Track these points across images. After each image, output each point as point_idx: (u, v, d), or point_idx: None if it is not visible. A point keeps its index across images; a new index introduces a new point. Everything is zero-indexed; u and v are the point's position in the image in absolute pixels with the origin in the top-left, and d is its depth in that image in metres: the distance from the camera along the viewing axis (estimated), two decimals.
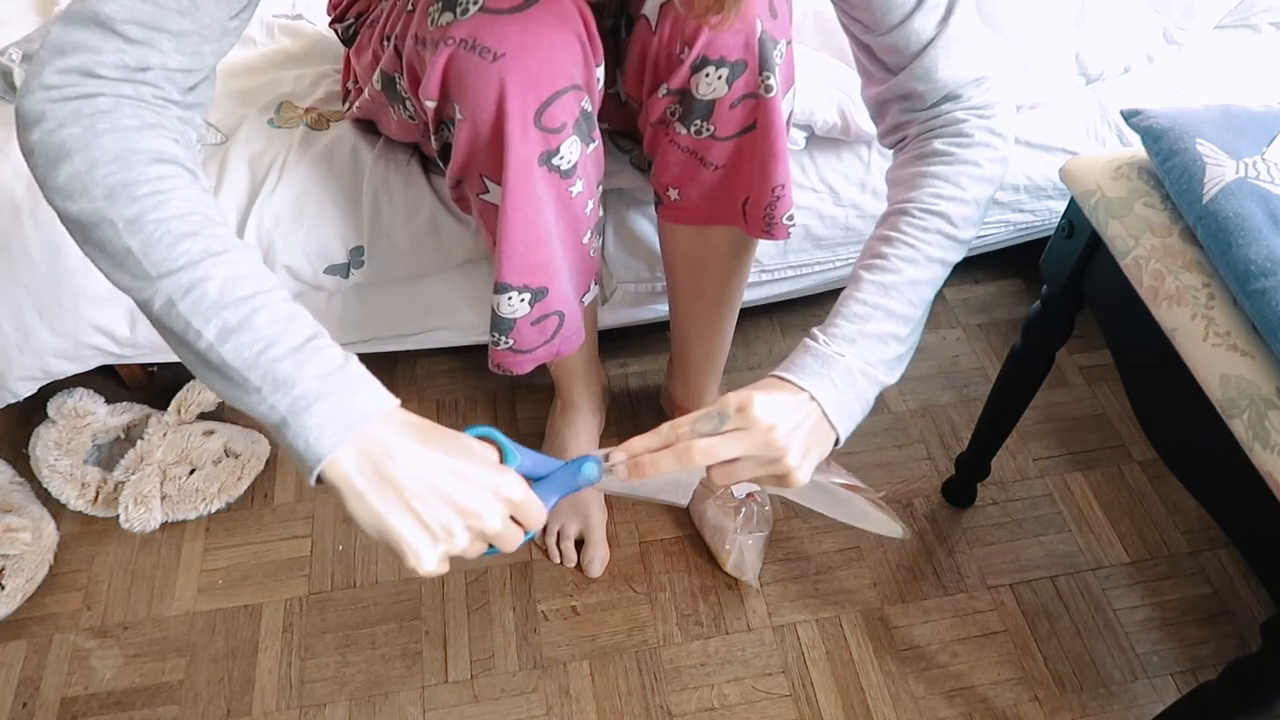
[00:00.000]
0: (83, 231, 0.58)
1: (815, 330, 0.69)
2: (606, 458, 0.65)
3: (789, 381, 0.66)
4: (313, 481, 0.57)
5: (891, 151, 0.81)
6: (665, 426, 0.65)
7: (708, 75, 0.76)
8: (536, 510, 0.62)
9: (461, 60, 0.70)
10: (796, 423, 0.65)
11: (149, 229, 0.56)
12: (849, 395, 0.68)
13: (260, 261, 0.63)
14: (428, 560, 0.59)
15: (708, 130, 0.81)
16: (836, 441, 0.69)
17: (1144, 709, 0.99)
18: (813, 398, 0.66)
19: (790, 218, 0.88)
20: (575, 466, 0.65)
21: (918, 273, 0.70)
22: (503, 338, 0.88)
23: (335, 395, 0.57)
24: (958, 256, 0.73)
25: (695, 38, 0.75)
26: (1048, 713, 0.99)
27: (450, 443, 0.61)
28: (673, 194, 0.89)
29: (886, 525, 0.84)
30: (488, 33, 0.69)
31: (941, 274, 0.72)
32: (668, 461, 0.63)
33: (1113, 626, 1.06)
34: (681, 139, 0.83)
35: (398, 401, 0.60)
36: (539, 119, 0.73)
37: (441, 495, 0.58)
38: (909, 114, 0.77)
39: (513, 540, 0.62)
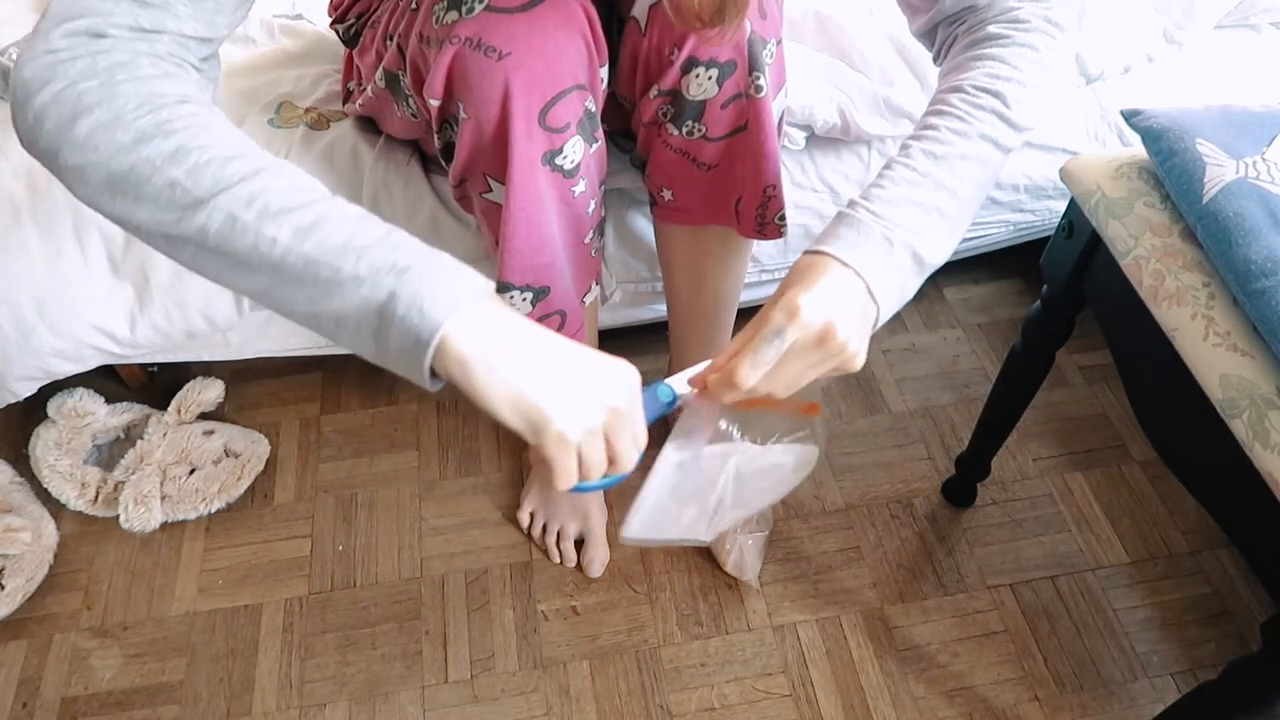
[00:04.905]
0: (111, 185, 0.53)
1: (855, 198, 0.64)
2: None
3: (833, 257, 0.60)
4: (427, 369, 0.52)
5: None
6: (722, 360, 0.61)
7: (697, 76, 0.77)
8: (642, 421, 0.59)
9: (467, 59, 0.70)
10: (847, 307, 0.59)
11: (193, 156, 0.52)
12: (886, 267, 0.61)
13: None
14: (574, 423, 0.54)
15: (699, 131, 0.81)
16: (875, 320, 0.62)
17: (1144, 709, 0.99)
18: (858, 273, 0.60)
19: (782, 218, 0.88)
20: (651, 391, 0.62)
21: (969, 148, 0.64)
22: None
23: (438, 267, 0.52)
24: (1012, 142, 0.66)
25: (684, 39, 0.75)
26: (1048, 713, 0.99)
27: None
28: (667, 194, 0.89)
29: (807, 458, 0.75)
30: (493, 31, 0.69)
31: (994, 157, 0.65)
32: (745, 376, 0.59)
33: (1113, 626, 1.06)
34: (674, 140, 0.83)
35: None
36: (543, 118, 0.73)
37: (571, 363, 0.55)
38: (959, 23, 0.72)
39: (630, 456, 0.58)
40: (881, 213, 0.61)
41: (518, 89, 0.71)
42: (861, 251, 0.60)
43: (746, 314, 1.16)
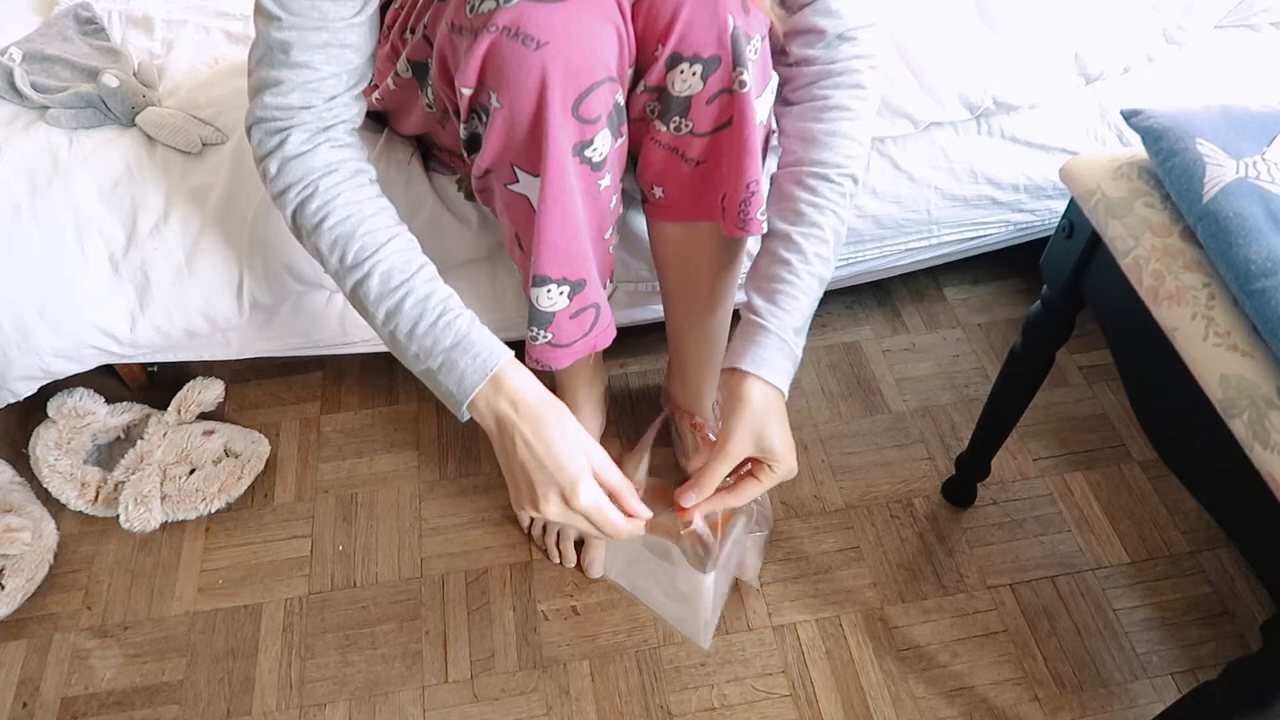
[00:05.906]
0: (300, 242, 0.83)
1: (761, 303, 0.81)
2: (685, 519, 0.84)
3: (756, 377, 0.79)
4: (466, 419, 0.78)
5: (787, 91, 0.87)
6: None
7: (682, 72, 0.77)
8: (604, 515, 0.77)
9: (503, 48, 0.70)
10: (785, 430, 0.81)
11: (325, 237, 0.78)
12: (791, 364, 0.81)
13: (407, 245, 0.79)
14: (539, 510, 0.77)
15: (686, 127, 0.81)
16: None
17: (1144, 709, 0.99)
18: (772, 384, 0.79)
19: (763, 213, 0.88)
20: None
21: (837, 234, 0.83)
22: (541, 332, 0.88)
23: (459, 363, 0.76)
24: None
25: (668, 35, 0.75)
26: (1048, 713, 0.99)
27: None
28: (657, 191, 0.90)
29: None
30: (531, 20, 0.70)
31: (843, 228, 0.85)
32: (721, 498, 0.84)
33: (1113, 626, 1.06)
34: (662, 136, 0.83)
35: (510, 354, 0.77)
36: (576, 109, 0.73)
37: (539, 459, 0.75)
38: (808, 49, 0.83)
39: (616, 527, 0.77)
40: (785, 320, 0.80)
41: (554, 79, 0.71)
42: (773, 367, 0.80)
43: None
